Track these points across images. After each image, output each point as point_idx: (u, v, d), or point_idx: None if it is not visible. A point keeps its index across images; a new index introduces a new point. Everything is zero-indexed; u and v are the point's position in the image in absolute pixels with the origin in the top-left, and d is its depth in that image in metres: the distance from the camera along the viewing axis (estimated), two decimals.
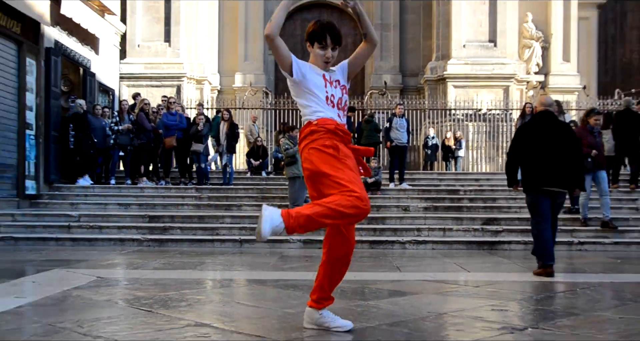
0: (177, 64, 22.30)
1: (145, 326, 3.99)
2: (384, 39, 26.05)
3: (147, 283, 6.02)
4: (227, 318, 4.31)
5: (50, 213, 12.10)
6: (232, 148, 15.55)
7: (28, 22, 13.56)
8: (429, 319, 4.28)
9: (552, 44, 24.78)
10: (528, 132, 7.14)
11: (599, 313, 4.55)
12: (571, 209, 12.21)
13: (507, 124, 20.77)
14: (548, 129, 7.01)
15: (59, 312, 4.47)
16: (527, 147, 7.06)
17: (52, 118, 14.23)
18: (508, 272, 7.48)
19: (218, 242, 10.50)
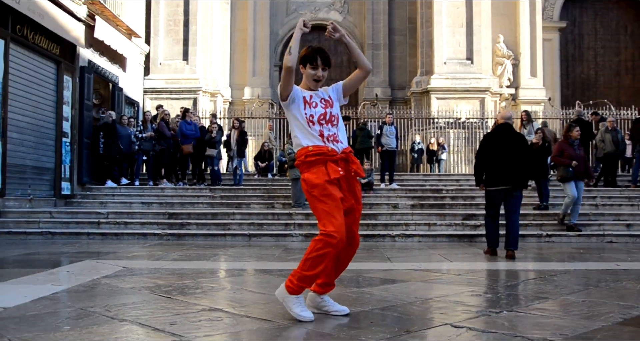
0: (194, 80, 22.27)
1: (165, 310, 3.95)
2: (375, 57, 26.07)
3: (166, 272, 5.98)
4: (237, 303, 4.27)
5: (83, 211, 12.06)
6: (242, 153, 15.54)
7: (66, 45, 13.57)
8: (416, 304, 4.24)
9: (521, 61, 24.78)
10: (491, 141, 7.89)
11: (564, 297, 4.51)
12: (540, 205, 12.20)
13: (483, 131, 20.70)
14: (506, 139, 7.74)
15: (90, 298, 4.44)
16: (489, 152, 7.82)
17: (84, 127, 14.23)
18: (485, 262, 7.44)
19: (229, 236, 10.46)
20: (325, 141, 3.71)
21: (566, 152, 10.25)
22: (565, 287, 5.08)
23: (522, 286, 5.22)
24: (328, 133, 3.75)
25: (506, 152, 7.67)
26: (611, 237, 10.45)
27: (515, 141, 7.75)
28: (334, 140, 3.75)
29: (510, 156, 7.66)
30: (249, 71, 25.83)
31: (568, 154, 10.24)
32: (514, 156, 7.66)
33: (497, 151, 7.73)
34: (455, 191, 14.11)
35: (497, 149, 7.73)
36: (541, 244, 9.93)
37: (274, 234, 10.55)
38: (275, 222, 11.29)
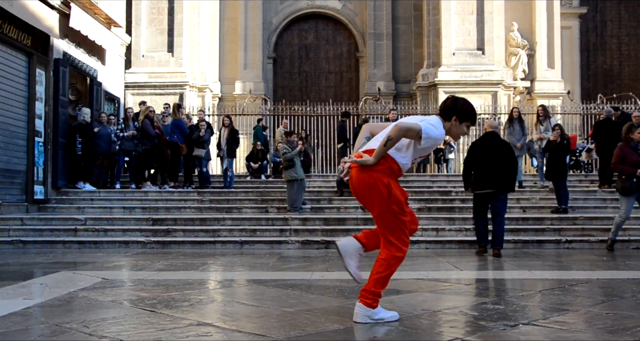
0: (180, 73, 22.26)
1: (149, 326, 3.94)
2: (377, 48, 26.09)
3: (150, 283, 5.97)
4: (228, 317, 4.26)
5: (58, 217, 12.03)
6: (233, 153, 15.49)
7: (38, 35, 13.52)
8: (423, 316, 4.23)
9: (537, 51, 24.79)
10: (478, 148, 9.22)
11: (586, 309, 4.51)
12: (558, 209, 12.19)
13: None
14: (492, 146, 9.00)
15: (66, 313, 4.42)
16: (476, 158, 9.12)
17: (60, 126, 14.18)
18: (499, 270, 7.43)
19: (219, 244, 10.44)
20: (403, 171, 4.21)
21: (629, 158, 9.14)
22: (587, 298, 5.08)
23: (540, 296, 5.22)
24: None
25: (492, 159, 8.90)
26: (637, 243, 10.44)
27: (501, 148, 9.01)
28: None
29: (495, 162, 8.87)
30: (240, 63, 25.82)
31: (632, 160, 9.11)
32: (499, 162, 8.87)
33: (483, 157, 9.01)
34: (466, 194, 14.09)
35: (484, 156, 9.00)
36: (560, 251, 9.93)
37: (268, 242, 10.53)
38: (270, 228, 11.27)
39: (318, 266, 7.62)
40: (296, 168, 12.49)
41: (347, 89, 26.77)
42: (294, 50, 27.35)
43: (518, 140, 14.21)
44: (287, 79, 27.45)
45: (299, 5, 26.87)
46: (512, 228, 11.15)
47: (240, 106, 22.44)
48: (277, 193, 14.04)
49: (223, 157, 15.49)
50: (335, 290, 5.51)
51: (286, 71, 27.44)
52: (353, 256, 4.34)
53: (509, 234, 10.74)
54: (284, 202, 12.95)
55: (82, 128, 14.21)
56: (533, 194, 13.91)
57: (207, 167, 15.32)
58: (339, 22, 27.17)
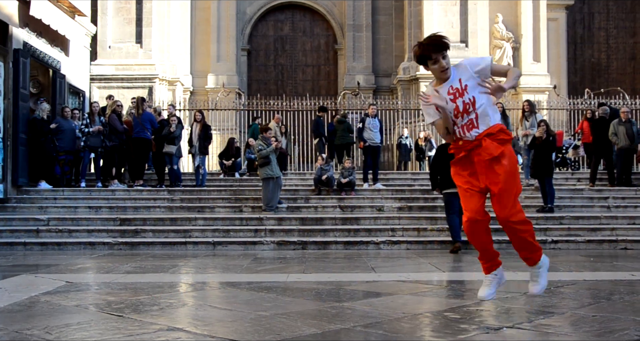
0: (149, 66, 22.10)
1: (116, 331, 3.92)
2: (357, 40, 26.12)
3: (118, 287, 5.93)
4: (200, 321, 4.25)
5: (18, 217, 11.91)
6: (205, 149, 15.44)
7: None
8: (404, 320, 4.25)
9: (523, 44, 24.98)
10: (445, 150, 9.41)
11: (573, 312, 4.56)
12: (544, 208, 12.31)
13: None
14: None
15: (27, 318, 4.38)
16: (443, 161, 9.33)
17: (20, 120, 14.00)
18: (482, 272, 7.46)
19: (191, 245, 10.41)
20: (462, 134, 4.47)
21: None
22: (573, 300, 5.13)
23: (525, 299, 5.26)
24: (462, 123, 4.44)
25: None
26: (625, 243, 10.57)
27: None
28: (467, 129, 4.44)
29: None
30: (212, 55, 25.70)
31: None
32: None
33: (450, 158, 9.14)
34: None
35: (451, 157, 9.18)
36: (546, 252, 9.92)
37: (241, 242, 10.52)
38: (244, 228, 11.26)
39: (294, 267, 7.63)
40: (272, 165, 12.48)
41: (325, 82, 26.78)
42: (269, 42, 27.28)
43: None
44: (262, 72, 27.39)
45: None
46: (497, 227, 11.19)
47: (213, 101, 22.36)
48: (252, 191, 14.02)
49: (195, 154, 15.43)
50: (312, 293, 5.52)
51: (261, 63, 27.38)
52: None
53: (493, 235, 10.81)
54: (259, 201, 12.94)
55: (36, 124, 14.07)
56: None
57: (178, 164, 15.24)
58: (317, 13, 27.16)
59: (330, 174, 14.14)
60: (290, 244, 10.40)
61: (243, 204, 13.16)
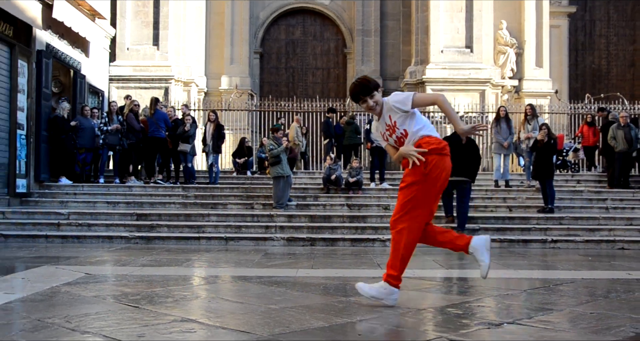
0: (165, 67, 22.15)
1: (132, 321, 3.94)
2: (365, 44, 26.09)
3: (134, 279, 5.96)
4: (212, 313, 4.27)
5: (40, 211, 11.97)
6: (218, 148, 15.48)
7: (20, 26, 13.43)
8: (408, 314, 4.26)
9: (526, 50, 24.91)
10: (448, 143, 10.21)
11: (571, 309, 4.55)
12: (545, 208, 12.29)
13: None
14: (459, 141, 10.24)
15: (48, 308, 4.41)
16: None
17: (42, 118, 14.09)
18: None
19: (204, 240, 10.45)
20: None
21: None
22: (572, 298, 5.13)
23: (525, 296, 5.26)
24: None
25: (458, 152, 10.09)
26: (623, 243, 10.55)
27: (467, 144, 10.68)
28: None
29: (461, 155, 10.29)
30: (226, 58, 25.72)
31: None
32: (464, 155, 10.50)
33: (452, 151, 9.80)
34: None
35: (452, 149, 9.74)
36: (546, 251, 10.01)
37: (253, 238, 10.54)
38: (255, 224, 11.28)
39: (303, 263, 7.64)
40: (282, 165, 12.50)
41: (335, 85, 26.75)
42: (281, 46, 27.29)
43: (505, 139, 14.30)
44: (274, 74, 27.39)
45: (286, 0, 26.81)
46: (498, 227, 11.23)
47: (226, 101, 22.38)
48: (263, 189, 14.04)
49: (208, 153, 15.46)
50: (320, 287, 5.53)
51: (273, 66, 27.38)
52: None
53: (494, 233, 10.85)
54: (270, 198, 12.96)
55: (57, 122, 14.15)
56: (520, 193, 14.00)
57: (192, 162, 15.28)
58: (327, 18, 27.14)
59: (339, 174, 14.15)
60: (300, 240, 10.42)
61: (254, 201, 13.18)
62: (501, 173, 14.50)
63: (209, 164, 15.47)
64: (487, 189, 14.28)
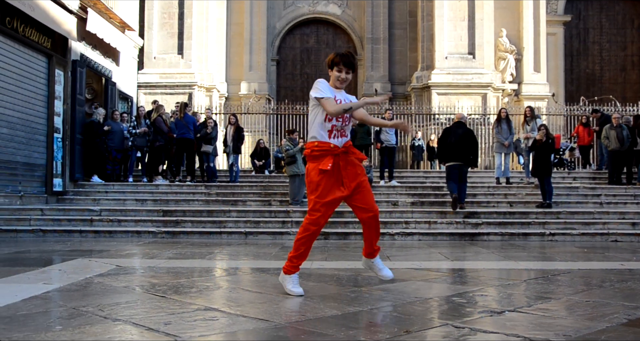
0: (189, 74, 22.24)
1: (160, 310, 3.95)
2: (375, 51, 26.05)
3: (161, 271, 5.98)
4: (233, 303, 4.28)
5: (75, 208, 12.04)
6: (238, 149, 15.51)
7: (57, 38, 13.53)
8: (416, 303, 4.24)
9: (524, 56, 24.78)
10: (449, 132, 11.62)
11: (568, 297, 4.52)
12: (543, 203, 12.21)
13: (484, 127, 20.76)
14: (459, 132, 11.40)
15: (82, 297, 4.43)
16: (447, 141, 11.51)
17: (77, 123, 14.21)
18: (487, 260, 7.44)
19: (225, 234, 10.46)
20: (332, 137, 4.55)
21: None
22: (568, 287, 5.09)
23: (525, 286, 5.23)
24: (337, 128, 4.56)
25: (459, 141, 11.34)
26: (616, 236, 10.46)
27: (466, 133, 11.46)
28: (339, 135, 4.58)
29: (461, 143, 11.32)
30: (245, 65, 25.79)
31: None
32: (464, 143, 11.36)
33: (452, 140, 11.42)
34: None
35: (453, 139, 11.42)
36: (544, 243, 9.94)
37: (270, 232, 10.55)
38: (272, 220, 11.29)
39: (317, 256, 7.64)
40: (298, 164, 12.49)
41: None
42: (296, 54, 27.30)
43: (506, 139, 14.23)
44: (290, 80, 27.42)
45: (301, 11, 26.81)
46: (500, 221, 11.17)
47: (245, 105, 22.45)
48: (280, 187, 14.05)
49: (229, 153, 15.51)
50: (334, 278, 5.53)
51: (289, 72, 27.41)
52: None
53: (496, 227, 10.80)
54: (286, 195, 12.97)
55: (93, 126, 14.27)
56: (520, 189, 13.92)
57: (214, 162, 15.32)
58: (339, 27, 27.12)
59: None
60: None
61: (272, 198, 13.19)
62: (502, 170, 14.43)
63: (229, 164, 15.50)
64: (489, 186, 14.21)
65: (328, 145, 4.52)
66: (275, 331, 3.38)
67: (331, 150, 4.51)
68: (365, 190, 4.62)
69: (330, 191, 4.50)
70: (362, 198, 4.61)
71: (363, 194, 4.61)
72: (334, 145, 4.54)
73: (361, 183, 4.59)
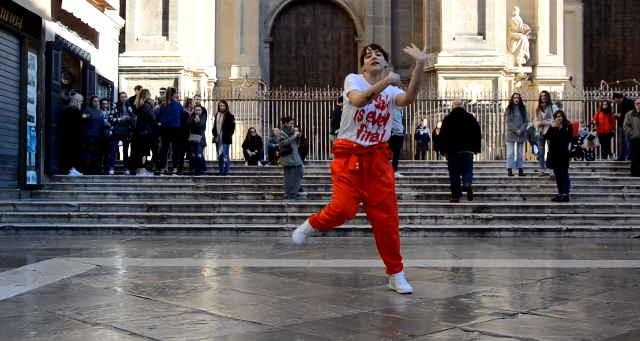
0: (175, 57, 22.19)
1: (143, 313, 3.95)
2: (376, 32, 26.01)
3: (145, 271, 5.98)
4: (223, 305, 4.28)
5: (51, 203, 12.03)
6: (229, 139, 15.45)
7: (30, 17, 13.45)
8: (422, 305, 4.24)
9: (539, 36, 24.74)
10: (449, 121, 12.07)
11: (587, 298, 4.52)
12: (559, 197, 12.21)
13: (496, 114, 20.76)
14: (459, 118, 11.88)
15: (59, 300, 4.43)
16: (448, 129, 11.93)
17: (52, 110, 14.14)
18: (498, 259, 7.45)
19: (215, 231, 10.46)
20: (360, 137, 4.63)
21: None
22: (587, 287, 5.10)
23: (540, 286, 5.24)
24: (369, 130, 4.61)
25: (459, 128, 11.73)
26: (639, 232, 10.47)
27: (466, 120, 11.88)
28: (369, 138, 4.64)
29: (462, 131, 11.70)
30: (236, 47, 25.74)
31: None
32: (465, 130, 11.73)
33: (453, 127, 11.80)
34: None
35: (454, 126, 11.80)
36: (560, 240, 9.96)
37: (264, 229, 10.55)
38: (266, 215, 11.29)
39: (315, 253, 7.64)
40: (293, 154, 12.48)
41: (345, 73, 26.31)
42: (291, 35, 27.25)
43: (518, 127, 14.20)
44: (284, 63, 27.38)
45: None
46: (512, 216, 11.17)
47: (236, 91, 22.40)
48: (274, 179, 14.04)
49: (218, 143, 15.46)
50: (332, 278, 5.53)
51: (283, 55, 27.36)
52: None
53: (508, 223, 10.81)
54: (281, 189, 12.96)
55: (71, 113, 14.16)
56: (534, 182, 13.92)
57: (202, 153, 15.29)
58: (337, 6, 27.06)
59: None
60: None
61: (265, 191, 13.19)
62: (515, 161, 14.42)
63: (219, 155, 15.48)
64: (501, 178, 14.21)
65: (351, 144, 4.65)
66: (270, 336, 3.37)
67: (353, 149, 4.64)
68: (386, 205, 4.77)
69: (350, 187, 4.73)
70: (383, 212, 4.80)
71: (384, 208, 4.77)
72: (357, 144, 4.63)
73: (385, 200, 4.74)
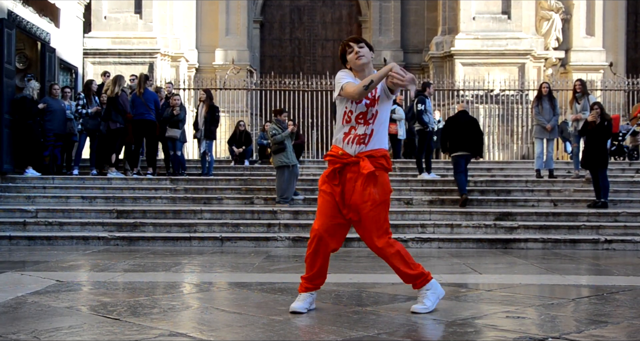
0: (150, 39, 22.20)
1: (112, 336, 3.95)
2: (384, 11, 26.04)
3: (114, 287, 5.98)
4: (205, 326, 4.28)
5: (3, 208, 12.00)
6: (212, 134, 15.40)
7: None
8: (435, 328, 4.24)
9: (574, 15, 24.78)
10: (453, 122, 13.01)
11: (629, 321, 4.53)
12: (597, 202, 12.19)
13: (522, 106, 20.78)
14: (463, 121, 12.81)
15: (12, 321, 4.43)
16: (451, 131, 12.84)
17: (5, 99, 14.06)
18: (524, 274, 7.46)
19: (196, 240, 10.46)
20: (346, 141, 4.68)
21: None
22: (630, 308, 5.10)
23: (574, 306, 5.24)
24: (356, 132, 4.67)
25: (463, 130, 12.65)
26: None
27: (470, 123, 12.88)
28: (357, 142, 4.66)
29: (466, 132, 12.64)
30: (221, 28, 25.74)
31: None
32: (469, 133, 12.68)
33: (457, 130, 12.74)
34: (486, 184, 14.13)
35: (458, 129, 12.75)
36: (598, 253, 9.96)
37: (253, 238, 10.55)
38: (255, 222, 11.29)
39: None
40: (287, 152, 12.47)
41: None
42: (284, 14, 27.27)
43: (548, 121, 14.20)
44: (277, 47, 27.40)
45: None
46: (541, 224, 11.18)
47: (221, 79, 22.42)
48: (264, 181, 14.04)
49: (200, 139, 15.44)
50: (332, 295, 5.53)
51: (275, 37, 27.38)
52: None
53: (536, 232, 10.81)
54: (272, 192, 12.97)
55: (25, 104, 14.06)
56: (566, 185, 13.94)
57: (181, 150, 15.27)
58: None
59: None
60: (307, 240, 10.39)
61: (254, 195, 13.19)
62: (544, 161, 14.43)
63: (201, 153, 15.47)
64: (528, 181, 14.22)
65: (337, 151, 4.72)
66: None
67: (339, 157, 4.69)
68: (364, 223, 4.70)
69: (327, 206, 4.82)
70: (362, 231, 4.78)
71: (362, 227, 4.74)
72: (344, 152, 4.69)
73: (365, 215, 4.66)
